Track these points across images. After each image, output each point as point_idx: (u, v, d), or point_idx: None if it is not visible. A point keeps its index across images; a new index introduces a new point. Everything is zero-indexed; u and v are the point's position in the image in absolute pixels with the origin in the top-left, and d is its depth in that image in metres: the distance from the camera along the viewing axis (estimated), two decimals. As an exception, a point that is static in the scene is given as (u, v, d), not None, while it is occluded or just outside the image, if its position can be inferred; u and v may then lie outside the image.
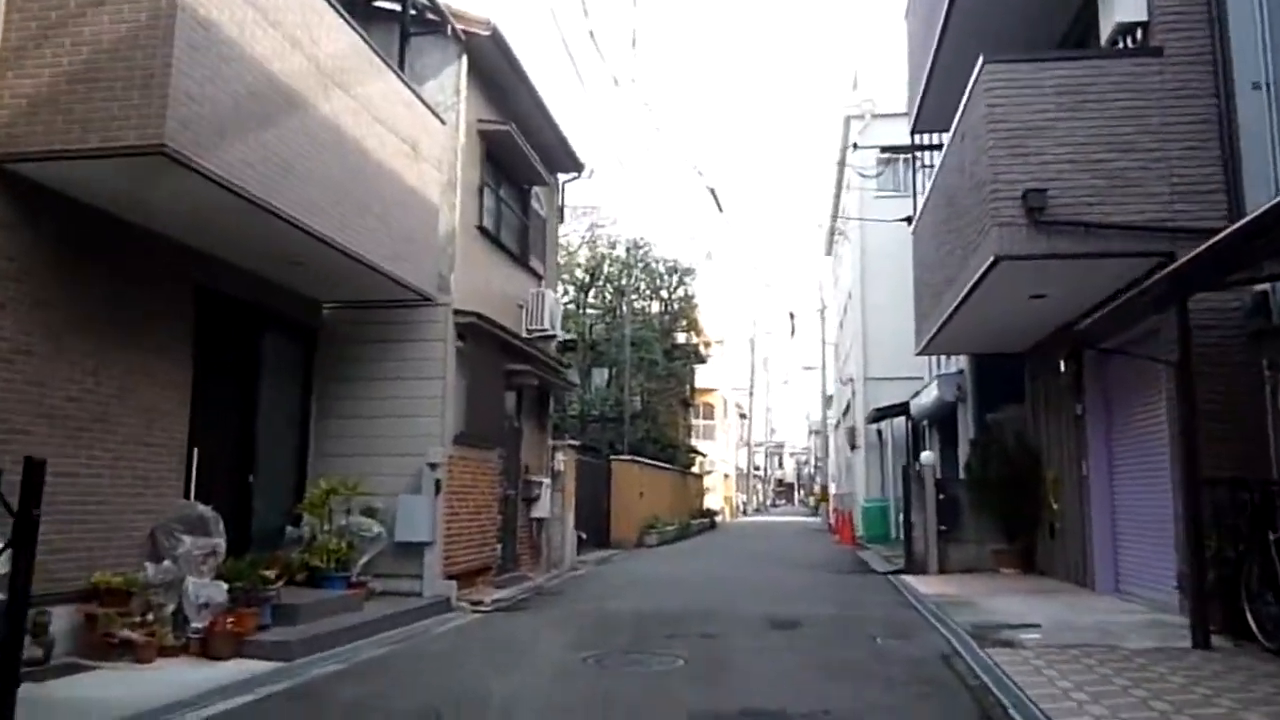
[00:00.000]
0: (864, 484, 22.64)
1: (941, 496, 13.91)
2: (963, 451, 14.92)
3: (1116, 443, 10.75)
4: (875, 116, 23.00)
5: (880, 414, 20.78)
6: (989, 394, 14.46)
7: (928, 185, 14.72)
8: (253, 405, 9.26)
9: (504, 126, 11.88)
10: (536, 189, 14.17)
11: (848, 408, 27.85)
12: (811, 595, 11.84)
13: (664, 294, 29.23)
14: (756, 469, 68.35)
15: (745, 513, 55.81)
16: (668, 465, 27.23)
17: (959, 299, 10.38)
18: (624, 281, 24.18)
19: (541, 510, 13.79)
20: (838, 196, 29.12)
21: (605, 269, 25.06)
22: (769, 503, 79.75)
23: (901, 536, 20.06)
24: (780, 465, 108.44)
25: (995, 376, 14.48)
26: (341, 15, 8.28)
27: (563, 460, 15.03)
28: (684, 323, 30.50)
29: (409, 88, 9.70)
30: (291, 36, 7.40)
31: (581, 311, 24.54)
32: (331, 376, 10.52)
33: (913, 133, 14.64)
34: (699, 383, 38.79)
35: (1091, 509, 10.86)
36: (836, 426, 32.85)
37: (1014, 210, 8.57)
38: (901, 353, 22.71)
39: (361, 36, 8.66)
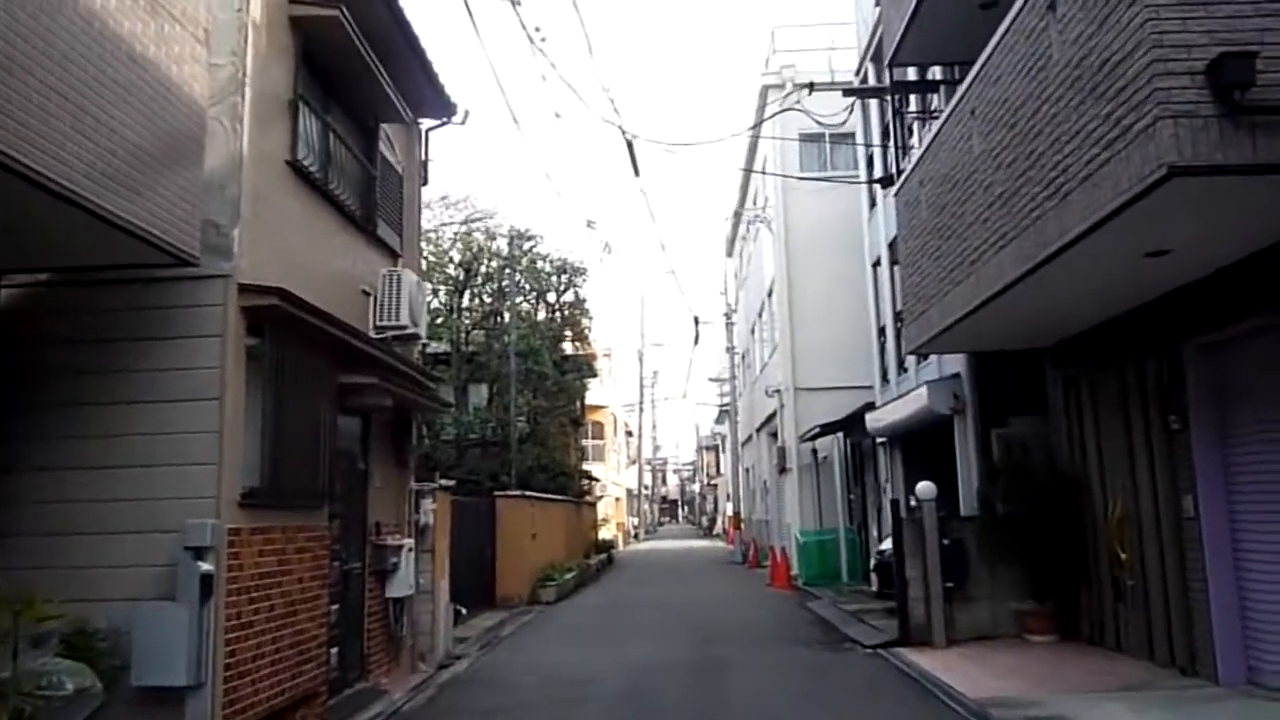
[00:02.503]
0: (797, 512, 19.22)
1: (945, 542, 10.46)
2: (962, 479, 11.55)
3: (1239, 470, 7.47)
4: (798, 86, 19.73)
5: (824, 430, 17.38)
6: (995, 404, 11.14)
7: (925, 131, 11.36)
8: None
9: (330, 11, 7.75)
10: (388, 130, 10.05)
11: (766, 421, 24.46)
12: (793, 706, 8.10)
13: (551, 297, 25.23)
14: (645, 488, 64.82)
15: (637, 538, 52.11)
16: (560, 496, 23.19)
17: (1029, 266, 6.90)
18: (506, 281, 20.08)
19: (401, 586, 9.60)
20: (745, 186, 25.85)
21: (484, 265, 20.88)
22: (656, 522, 76.25)
23: (849, 577, 16.69)
24: (664, 482, 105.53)
25: (1001, 381, 11.18)
26: None
27: (432, 509, 10.85)
28: (573, 331, 26.56)
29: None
30: None
31: (456, 316, 20.30)
32: (14, 403, 6.13)
33: (892, 65, 11.21)
34: (588, 399, 34.94)
35: (1208, 562, 7.54)
36: (747, 443, 29.49)
37: (1192, 93, 5.09)
38: (838, 360, 19.49)
39: None
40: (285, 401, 6.90)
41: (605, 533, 35.21)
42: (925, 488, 10.50)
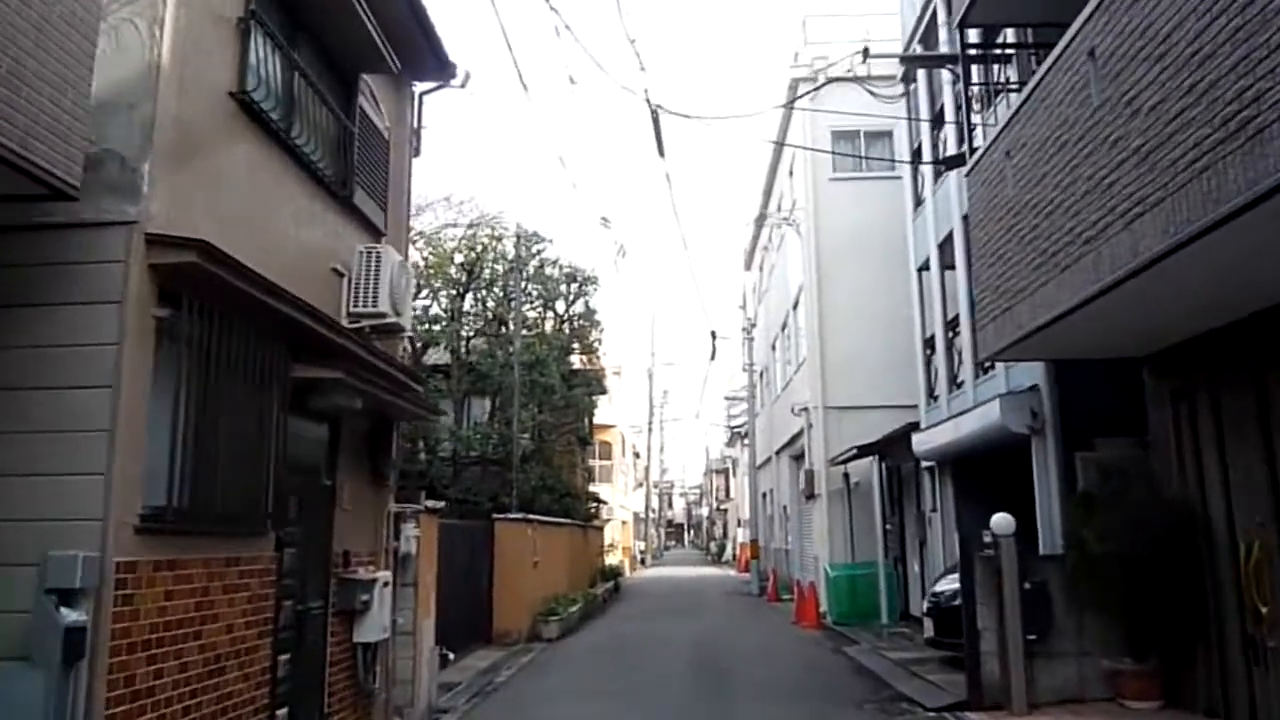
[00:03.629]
0: (826, 543, 17.48)
1: (1026, 585, 8.76)
2: (1041, 511, 9.85)
3: None
4: (831, 81, 18.23)
5: (861, 451, 15.67)
6: (1080, 422, 9.47)
7: (992, 110, 9.82)
8: None
9: (292, -89, 6.22)
10: (373, 88, 8.51)
11: (788, 443, 22.75)
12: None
13: (560, 307, 23.62)
14: (652, 511, 62.97)
15: (644, 563, 50.23)
16: (565, 520, 21.48)
17: (1186, 235, 5.27)
18: (512, 284, 18.46)
19: (374, 628, 7.94)
20: (769, 189, 24.30)
21: (488, 267, 19.28)
22: (662, 547, 74.17)
23: (888, 617, 14.95)
24: (670, 506, 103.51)
25: (1088, 396, 9.52)
26: None
27: (415, 535, 9.19)
28: (582, 344, 24.94)
29: None
30: None
31: (457, 322, 18.70)
32: None
33: (963, 26, 9.63)
34: (596, 417, 33.29)
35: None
36: (764, 465, 27.76)
37: None
38: (872, 376, 17.81)
39: None
40: (213, 395, 5.30)
41: (611, 558, 33.44)
42: (1003, 521, 8.81)
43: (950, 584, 10.86)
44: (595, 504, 28.68)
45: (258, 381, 5.87)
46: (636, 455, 56.22)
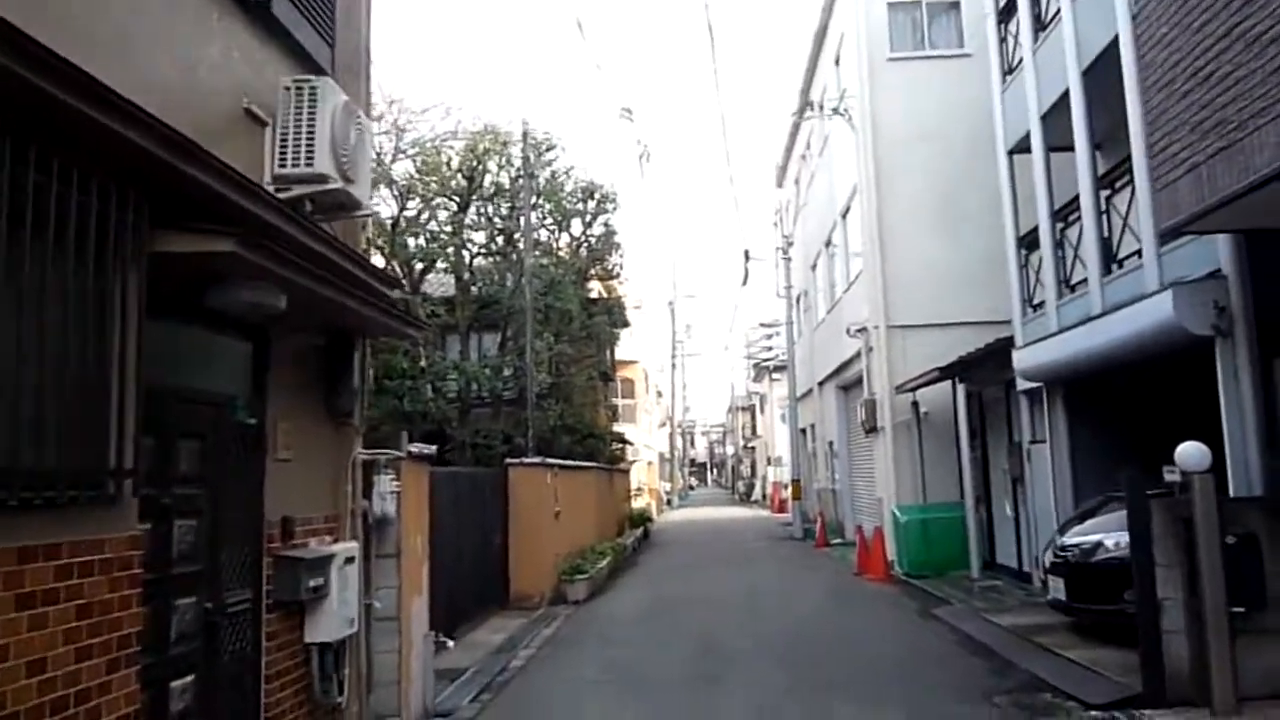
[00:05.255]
0: (892, 482, 15.13)
1: (1229, 540, 6.40)
2: (1231, 441, 7.39)
3: None
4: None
5: (944, 373, 13.21)
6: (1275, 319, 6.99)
7: None
8: None
9: None
10: None
11: (836, 371, 20.33)
12: None
13: (576, 228, 21.08)
14: (676, 452, 60.98)
15: (670, 504, 48.34)
16: (589, 463, 19.27)
17: None
18: (520, 191, 15.88)
19: (333, 622, 5.70)
20: (807, 87, 21.46)
21: (491, 173, 16.68)
22: (686, 487, 72.35)
23: (979, 568, 12.65)
24: (693, 445, 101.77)
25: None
26: None
27: (393, 490, 6.88)
28: (602, 269, 22.45)
29: None
30: None
31: (459, 237, 16.20)
32: None
33: None
34: (619, 353, 30.97)
35: None
36: (804, 398, 25.37)
37: None
38: (942, 288, 15.28)
39: None
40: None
41: (639, 502, 31.39)
42: (1194, 453, 6.40)
43: (1088, 534, 8.51)
44: (620, 444, 26.48)
45: (92, 261, 3.51)
46: (659, 394, 54.04)
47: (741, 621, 10.90)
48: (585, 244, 21.40)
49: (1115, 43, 8.74)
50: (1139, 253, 8.86)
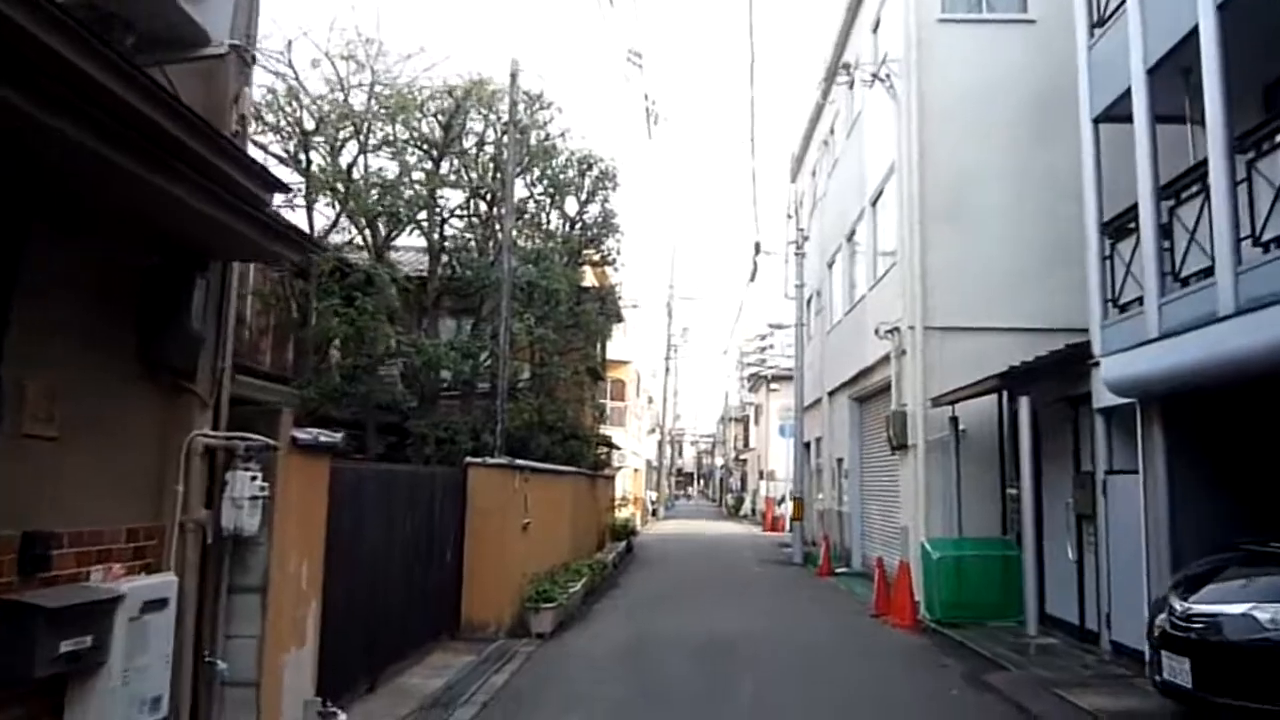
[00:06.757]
0: (922, 511, 12.88)
1: None
2: None
3: None
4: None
5: (1006, 381, 10.96)
6: None
7: None
8: None
9: None
10: None
11: (852, 380, 18.11)
12: None
13: (570, 206, 18.79)
14: (664, 460, 58.67)
15: (655, 514, 46.02)
16: (569, 468, 17.01)
17: None
18: (505, 149, 13.56)
19: (109, 710, 3.43)
20: (834, 64, 19.24)
21: (476, 131, 14.37)
22: (672, 497, 69.94)
23: (1033, 623, 10.40)
24: (680, 454, 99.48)
25: None
26: None
27: (259, 492, 4.62)
28: (597, 253, 20.16)
29: None
30: None
31: (431, 182, 13.80)
32: None
33: None
34: (610, 352, 28.72)
35: None
36: (810, 408, 23.11)
37: None
38: (992, 287, 13.07)
39: None
40: None
41: (623, 512, 29.10)
42: None
43: (1230, 602, 6.29)
44: (607, 449, 24.22)
45: None
46: (650, 401, 51.82)
47: (745, 681, 8.64)
48: (580, 223, 19.13)
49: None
50: (1303, 230, 6.69)
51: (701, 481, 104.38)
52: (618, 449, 28.86)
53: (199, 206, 3.65)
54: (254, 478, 4.51)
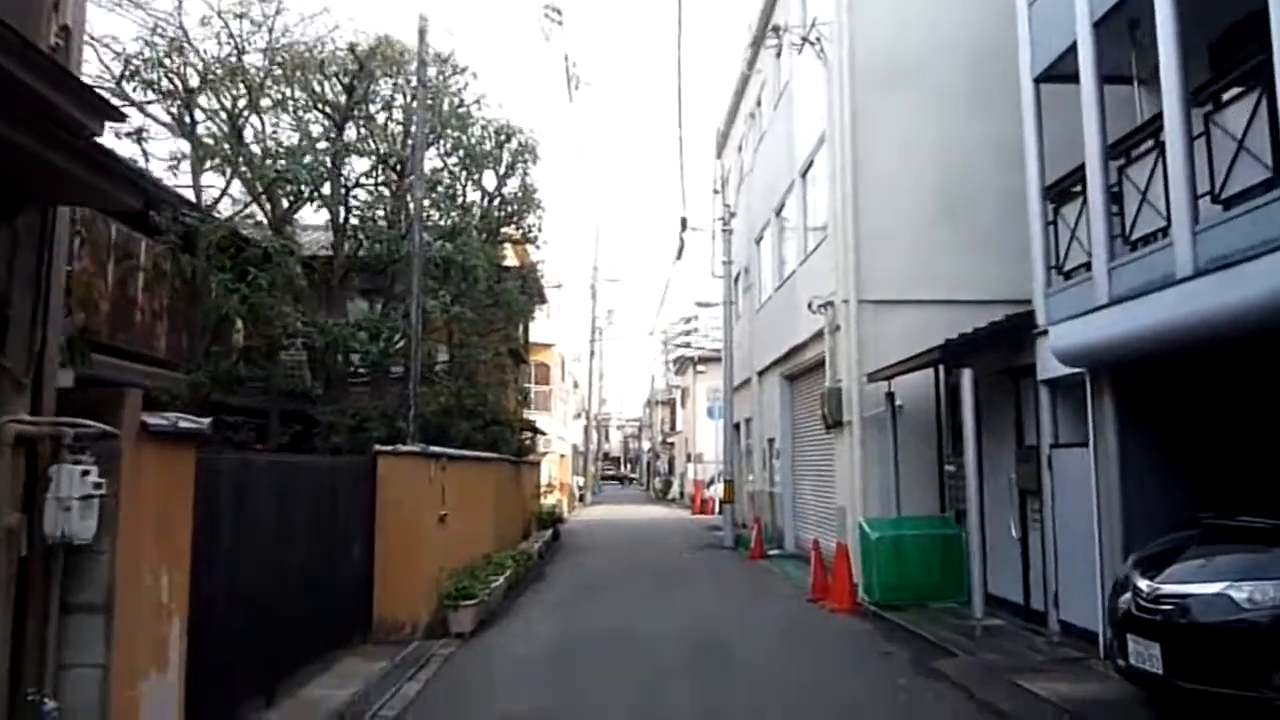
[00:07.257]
0: (858, 490, 12.46)
1: None
2: None
3: None
4: None
5: (948, 353, 10.55)
6: None
7: None
8: None
9: None
10: None
11: (784, 357, 17.67)
12: None
13: (488, 181, 17.85)
14: (590, 445, 57.93)
15: (583, 500, 45.33)
16: (491, 455, 16.18)
17: None
18: (414, 113, 12.52)
19: None
20: (769, 10, 18.57)
21: (373, 83, 13.16)
22: (599, 483, 69.28)
23: (979, 605, 10.00)
24: (607, 438, 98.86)
25: None
26: None
27: (93, 490, 3.76)
28: (518, 229, 19.25)
29: None
30: None
31: (334, 147, 12.72)
32: None
33: None
34: (534, 335, 27.84)
35: None
36: (740, 389, 22.67)
37: None
38: (926, 259, 12.68)
39: None
40: None
41: (549, 499, 28.33)
42: None
43: (1203, 581, 5.88)
44: (531, 434, 23.40)
45: None
46: (575, 385, 51.01)
47: (682, 681, 8.02)
48: (499, 197, 18.20)
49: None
50: (1267, 183, 6.30)
51: (629, 466, 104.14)
52: (543, 434, 28.07)
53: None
54: (86, 473, 3.66)
